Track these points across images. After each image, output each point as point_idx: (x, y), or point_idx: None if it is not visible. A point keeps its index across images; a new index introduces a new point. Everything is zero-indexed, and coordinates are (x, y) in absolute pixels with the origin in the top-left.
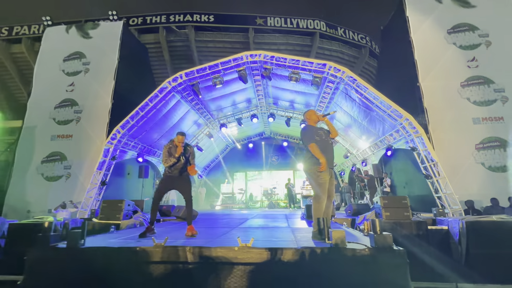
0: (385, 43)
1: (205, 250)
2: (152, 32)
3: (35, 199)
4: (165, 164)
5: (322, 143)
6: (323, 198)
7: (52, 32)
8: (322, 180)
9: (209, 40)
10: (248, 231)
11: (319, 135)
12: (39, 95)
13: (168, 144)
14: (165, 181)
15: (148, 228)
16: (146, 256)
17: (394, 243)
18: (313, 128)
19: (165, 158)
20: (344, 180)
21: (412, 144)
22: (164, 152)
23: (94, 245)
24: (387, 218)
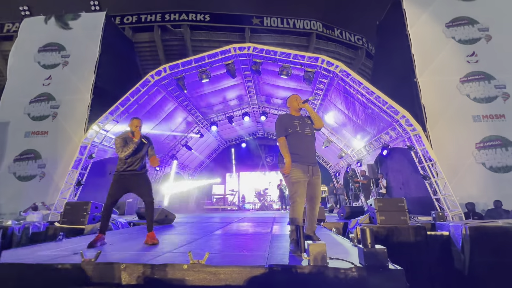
0: (380, 38)
1: (145, 269)
2: (147, 31)
3: (6, 201)
4: (123, 152)
5: (295, 136)
6: (298, 201)
7: (29, 23)
8: (294, 179)
9: (205, 39)
10: (219, 240)
11: (292, 126)
12: (13, 89)
13: (121, 134)
14: (119, 182)
15: (98, 236)
16: (70, 276)
17: (389, 251)
18: (287, 119)
19: (120, 148)
20: (339, 181)
21: (409, 142)
22: (118, 142)
23: (16, 259)
24: (382, 223)
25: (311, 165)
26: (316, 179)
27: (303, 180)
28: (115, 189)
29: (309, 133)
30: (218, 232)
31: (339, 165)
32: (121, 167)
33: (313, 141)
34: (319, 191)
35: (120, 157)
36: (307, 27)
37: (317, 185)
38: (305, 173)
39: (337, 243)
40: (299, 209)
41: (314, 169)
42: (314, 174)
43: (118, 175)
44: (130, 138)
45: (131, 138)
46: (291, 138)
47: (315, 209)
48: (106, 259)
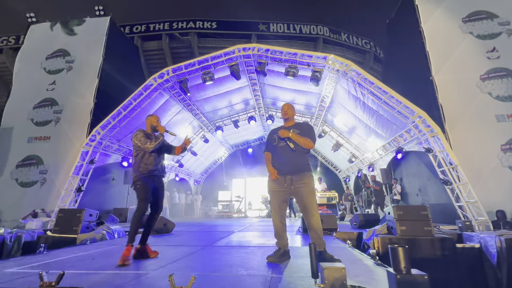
0: (391, 37)
1: None
2: (155, 39)
3: (8, 207)
4: (150, 145)
5: (273, 149)
6: (273, 212)
7: (36, 29)
8: (268, 189)
9: (212, 46)
10: (217, 254)
11: (273, 140)
12: (18, 95)
13: (139, 130)
14: (147, 183)
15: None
16: None
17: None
18: (271, 133)
19: (146, 140)
20: (350, 187)
21: (427, 144)
22: (142, 135)
23: None
24: (402, 234)
25: (289, 174)
26: (299, 187)
27: (276, 190)
28: (149, 192)
29: (283, 144)
30: (219, 244)
31: (349, 170)
32: (144, 170)
33: (286, 150)
34: (309, 200)
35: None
36: (313, 32)
37: (303, 193)
38: (279, 184)
39: (354, 260)
40: (274, 221)
41: (294, 178)
42: (294, 182)
43: (147, 177)
44: (150, 134)
45: (151, 134)
46: (271, 152)
47: (311, 219)
48: (69, 282)
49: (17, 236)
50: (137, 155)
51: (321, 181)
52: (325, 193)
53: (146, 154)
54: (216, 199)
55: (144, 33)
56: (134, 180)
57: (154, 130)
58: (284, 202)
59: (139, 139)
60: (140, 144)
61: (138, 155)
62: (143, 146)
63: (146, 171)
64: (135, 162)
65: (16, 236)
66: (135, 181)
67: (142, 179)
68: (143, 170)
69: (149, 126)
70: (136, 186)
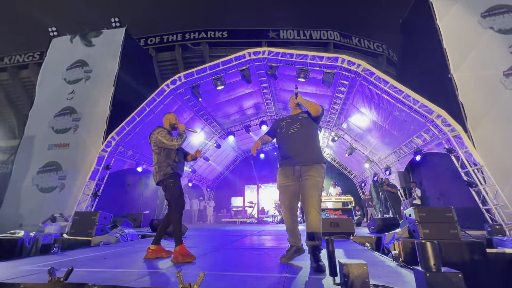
0: (405, 36)
1: None
2: (169, 50)
3: (29, 212)
4: (177, 142)
5: (279, 138)
6: (283, 209)
7: (57, 42)
8: (277, 186)
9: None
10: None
11: (280, 127)
12: (40, 105)
13: (161, 127)
14: (179, 181)
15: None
16: None
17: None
18: (277, 122)
19: (171, 137)
20: (366, 192)
21: (448, 145)
22: (165, 133)
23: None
24: (425, 237)
25: (298, 164)
26: (306, 179)
27: (284, 185)
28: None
29: (294, 130)
30: (231, 246)
31: (365, 174)
32: (175, 165)
33: (300, 137)
34: (309, 192)
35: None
36: (324, 37)
37: (306, 186)
38: (288, 177)
39: (376, 262)
40: (284, 218)
41: (303, 169)
42: (302, 174)
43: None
44: (170, 131)
45: (171, 132)
46: (277, 141)
47: (308, 214)
48: (78, 278)
49: (35, 238)
50: (160, 152)
51: (335, 185)
52: (340, 197)
53: (171, 151)
54: (229, 205)
55: (159, 45)
56: (165, 177)
57: (173, 128)
58: (295, 197)
59: (164, 136)
60: (165, 141)
61: (161, 153)
62: (170, 143)
63: (176, 168)
64: (161, 160)
65: (35, 239)
66: (166, 178)
67: (174, 176)
68: (173, 167)
69: (167, 123)
70: (169, 184)
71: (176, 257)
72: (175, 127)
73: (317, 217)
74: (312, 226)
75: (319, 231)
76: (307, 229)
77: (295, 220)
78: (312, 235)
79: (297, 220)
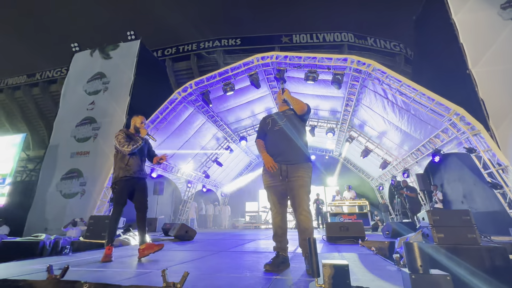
0: (419, 33)
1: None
2: (185, 60)
3: (53, 217)
4: (129, 147)
5: (266, 137)
6: (271, 209)
7: (79, 57)
8: (264, 184)
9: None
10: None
11: (266, 125)
12: (64, 115)
13: (121, 130)
14: (125, 188)
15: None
16: None
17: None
18: (263, 119)
19: (126, 142)
20: (384, 196)
21: (468, 144)
22: (122, 136)
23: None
24: (440, 242)
25: (284, 163)
26: (294, 180)
27: (272, 185)
28: (123, 196)
29: (279, 127)
30: (234, 250)
31: (382, 178)
32: (121, 173)
33: (285, 134)
34: (299, 194)
35: (119, 160)
36: (337, 39)
37: (295, 187)
38: (274, 177)
39: (375, 266)
40: (273, 219)
41: (289, 169)
42: (289, 175)
43: (123, 180)
44: (133, 134)
45: (134, 135)
46: (264, 139)
47: (300, 220)
48: (74, 277)
49: (55, 241)
50: (117, 155)
51: (350, 189)
52: (354, 201)
53: (126, 156)
54: (244, 210)
55: (175, 55)
56: (113, 181)
57: (137, 131)
58: (283, 199)
59: (119, 140)
60: (118, 145)
61: (117, 156)
62: (121, 148)
63: (126, 174)
64: (115, 163)
65: (55, 241)
66: (113, 182)
67: (120, 183)
68: (123, 172)
69: (133, 126)
70: (113, 189)
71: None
72: (138, 131)
73: (308, 218)
74: (304, 226)
75: (311, 231)
76: (299, 230)
77: (284, 222)
78: (304, 236)
79: (285, 226)
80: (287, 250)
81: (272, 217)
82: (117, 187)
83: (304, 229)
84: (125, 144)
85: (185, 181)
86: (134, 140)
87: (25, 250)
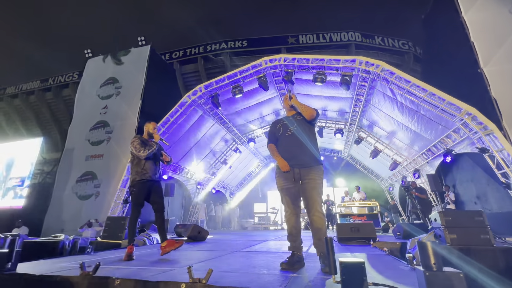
0: (428, 32)
1: (139, 286)
2: (192, 63)
3: (70, 218)
4: (145, 152)
5: (278, 140)
6: (285, 210)
7: (91, 63)
8: (277, 186)
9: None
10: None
11: (277, 129)
12: (78, 120)
13: (136, 137)
14: (142, 190)
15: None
16: None
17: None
18: (273, 125)
19: (141, 147)
20: (394, 197)
21: (481, 144)
22: (137, 142)
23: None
24: (453, 243)
25: (297, 167)
26: (306, 183)
27: (286, 187)
28: (140, 198)
29: (290, 133)
30: (248, 250)
31: (392, 178)
32: (138, 176)
33: (296, 140)
34: (312, 195)
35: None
36: (344, 39)
37: (308, 189)
38: (288, 179)
39: (388, 265)
40: (287, 219)
41: (302, 172)
42: (302, 177)
43: (140, 183)
44: (147, 140)
45: (148, 140)
46: (277, 145)
47: (313, 221)
48: (104, 273)
49: (74, 241)
50: (133, 160)
51: (359, 190)
52: (364, 202)
53: (142, 160)
54: (252, 211)
55: (182, 58)
56: (130, 185)
57: (150, 136)
58: (297, 200)
59: (135, 146)
60: (134, 151)
61: (133, 161)
62: (137, 153)
63: (143, 177)
64: (131, 168)
65: (73, 242)
66: (130, 186)
67: (137, 185)
68: (140, 176)
69: (146, 132)
70: (131, 192)
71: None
72: (152, 136)
73: (322, 218)
74: (318, 227)
75: (325, 231)
76: (313, 231)
77: (298, 223)
78: (319, 236)
79: (300, 224)
80: (302, 250)
81: (287, 217)
82: (135, 190)
83: (318, 229)
84: (141, 149)
85: (195, 183)
86: (149, 145)
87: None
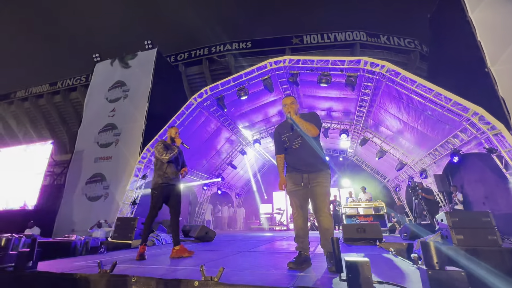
0: (434, 32)
1: (154, 283)
2: (197, 64)
3: (79, 219)
4: (167, 155)
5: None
6: (293, 212)
7: (100, 67)
8: (287, 191)
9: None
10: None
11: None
12: (87, 123)
13: (160, 141)
14: (163, 193)
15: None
16: (85, 285)
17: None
18: (277, 136)
19: (163, 151)
20: (401, 197)
21: (488, 144)
22: (161, 146)
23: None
24: (459, 244)
25: (306, 172)
26: (314, 187)
27: (294, 190)
28: (159, 201)
29: (297, 145)
30: (255, 250)
31: (399, 179)
32: (161, 180)
33: (304, 151)
34: (320, 198)
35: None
36: (349, 38)
37: (316, 193)
38: (297, 183)
39: (394, 265)
40: (295, 221)
41: (310, 177)
42: (310, 182)
43: (162, 186)
44: (169, 144)
45: (170, 145)
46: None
47: (320, 221)
48: (121, 271)
49: (85, 241)
50: (156, 163)
51: (365, 190)
52: (370, 203)
53: (163, 164)
54: (258, 212)
55: (187, 60)
56: (152, 187)
57: (172, 141)
58: (305, 202)
59: (158, 150)
60: (157, 155)
61: (157, 164)
62: (160, 156)
63: (165, 181)
64: (154, 171)
65: (85, 242)
66: (152, 188)
67: (159, 188)
68: (161, 179)
69: (169, 137)
70: (153, 193)
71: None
72: (174, 140)
73: (329, 219)
74: (325, 227)
75: (332, 231)
76: (321, 231)
77: (306, 225)
78: (326, 236)
79: (307, 227)
80: (309, 250)
81: (295, 219)
82: (156, 192)
83: (325, 229)
84: (163, 153)
85: (201, 184)
86: (171, 149)
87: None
